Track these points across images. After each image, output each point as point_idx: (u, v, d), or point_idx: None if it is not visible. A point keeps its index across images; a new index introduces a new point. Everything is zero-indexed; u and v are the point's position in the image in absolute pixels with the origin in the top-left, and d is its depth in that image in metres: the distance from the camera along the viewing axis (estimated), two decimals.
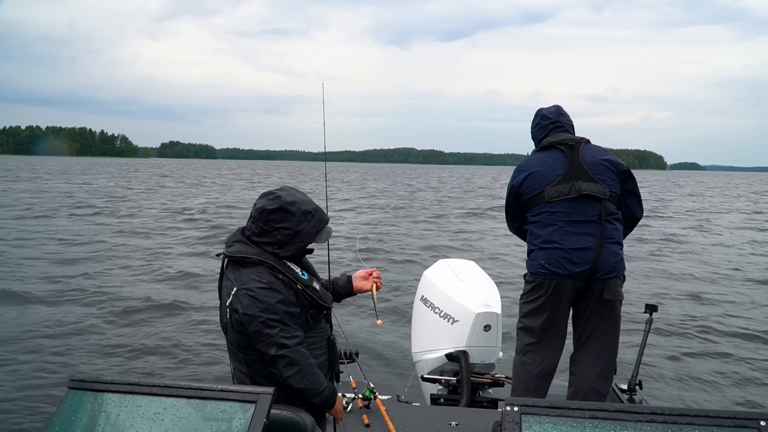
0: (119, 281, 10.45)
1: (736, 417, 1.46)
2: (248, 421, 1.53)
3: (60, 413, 1.66)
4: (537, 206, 3.27)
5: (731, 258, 14.78)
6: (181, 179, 56.28)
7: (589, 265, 3.12)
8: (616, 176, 3.26)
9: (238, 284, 2.25)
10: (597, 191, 3.17)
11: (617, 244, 3.22)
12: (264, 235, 2.34)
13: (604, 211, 3.17)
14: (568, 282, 3.16)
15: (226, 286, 2.34)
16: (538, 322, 3.29)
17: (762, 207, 34.45)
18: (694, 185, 72.81)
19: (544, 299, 3.23)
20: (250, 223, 2.37)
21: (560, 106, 3.50)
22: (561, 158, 3.26)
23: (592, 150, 3.31)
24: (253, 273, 2.26)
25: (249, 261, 2.29)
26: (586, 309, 3.24)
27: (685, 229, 21.16)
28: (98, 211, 22.52)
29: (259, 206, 2.34)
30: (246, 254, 2.29)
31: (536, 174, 3.28)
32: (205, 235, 16.65)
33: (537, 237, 3.25)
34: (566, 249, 3.14)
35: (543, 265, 3.20)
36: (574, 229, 3.16)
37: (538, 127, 3.48)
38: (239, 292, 2.23)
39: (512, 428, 1.49)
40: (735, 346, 7.44)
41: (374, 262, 12.61)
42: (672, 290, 10.70)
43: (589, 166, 3.22)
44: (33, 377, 5.86)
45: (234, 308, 2.24)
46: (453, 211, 27.16)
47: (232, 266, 2.32)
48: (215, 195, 34.33)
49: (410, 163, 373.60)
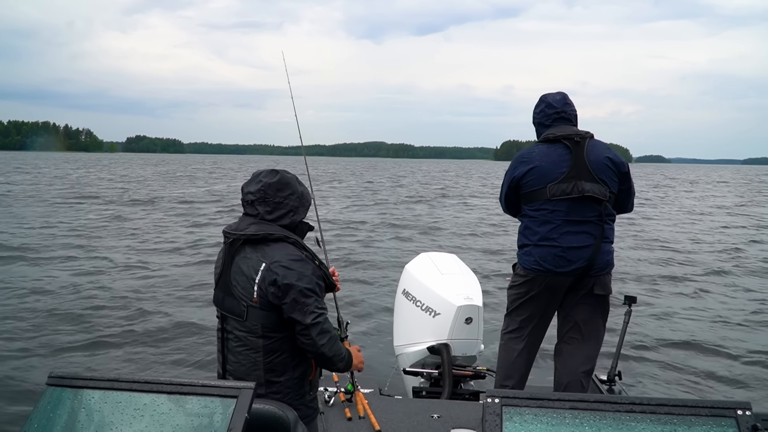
0: (98, 274, 10.34)
1: (714, 406, 1.48)
2: (230, 416, 1.52)
3: (38, 410, 1.64)
4: (537, 202, 3.26)
5: (692, 248, 15.00)
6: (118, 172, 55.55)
7: (586, 262, 3.17)
8: (616, 176, 3.27)
9: (267, 259, 2.26)
10: (598, 193, 3.18)
11: (610, 242, 3.28)
12: (277, 209, 2.35)
13: (604, 212, 3.20)
14: (562, 279, 3.21)
15: (243, 267, 2.30)
16: (527, 313, 3.36)
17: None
18: (660, 178, 74.29)
19: (535, 293, 3.29)
20: (256, 206, 2.35)
21: (566, 95, 3.43)
22: (565, 155, 3.22)
23: (597, 147, 3.27)
24: (281, 248, 2.30)
25: (272, 238, 2.31)
26: (574, 302, 3.30)
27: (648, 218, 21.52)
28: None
29: (261, 186, 2.35)
30: (269, 231, 2.31)
31: (539, 168, 3.24)
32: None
33: (534, 233, 3.26)
34: (563, 247, 3.17)
35: (538, 262, 3.23)
36: (572, 228, 3.18)
37: (542, 114, 3.42)
38: (272, 265, 2.25)
39: (493, 420, 1.50)
40: (715, 337, 7.55)
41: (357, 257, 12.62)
42: (647, 278, 10.84)
43: (593, 166, 3.19)
44: (7, 374, 5.77)
45: (270, 281, 2.24)
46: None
47: (251, 246, 2.31)
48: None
49: (380, 157, 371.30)
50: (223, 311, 2.37)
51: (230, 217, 18.42)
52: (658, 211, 25.48)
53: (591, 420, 1.50)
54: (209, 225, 17.70)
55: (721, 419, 1.47)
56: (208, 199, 27.21)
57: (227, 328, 2.36)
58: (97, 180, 41.11)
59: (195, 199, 27.18)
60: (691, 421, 1.47)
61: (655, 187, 47.02)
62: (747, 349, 7.06)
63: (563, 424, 1.50)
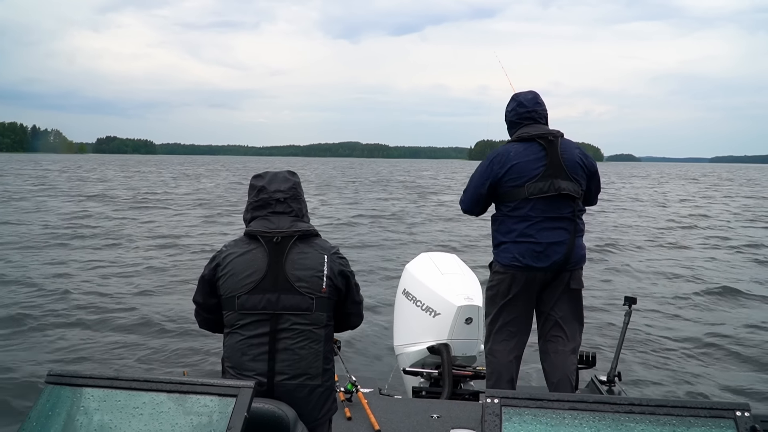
0: (94, 274, 10.34)
1: (713, 408, 1.49)
2: (229, 415, 1.52)
3: (37, 408, 1.64)
4: (515, 200, 3.32)
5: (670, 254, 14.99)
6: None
7: (562, 257, 3.27)
8: (586, 175, 3.40)
9: (326, 252, 2.40)
10: (573, 190, 3.29)
11: (582, 236, 3.41)
12: (304, 206, 2.50)
13: (576, 209, 3.33)
14: (540, 274, 3.30)
15: (305, 262, 2.34)
16: (509, 314, 3.40)
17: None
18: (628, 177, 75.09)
19: (515, 291, 3.35)
20: (290, 204, 2.42)
21: (537, 94, 3.51)
22: (541, 153, 3.31)
23: (569, 146, 3.38)
24: (323, 241, 2.47)
25: (314, 232, 2.44)
26: (552, 298, 3.38)
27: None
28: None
29: (292, 184, 2.45)
30: (312, 227, 2.45)
31: (517, 167, 3.31)
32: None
33: (511, 231, 3.32)
34: (541, 243, 3.26)
35: (517, 258, 3.30)
36: (548, 224, 3.28)
37: (513, 113, 3.49)
38: (333, 257, 2.40)
39: (493, 420, 1.50)
40: (714, 338, 7.54)
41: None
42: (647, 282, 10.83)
43: (567, 164, 3.31)
44: (5, 372, 5.76)
45: (338, 271, 2.39)
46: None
47: (303, 242, 2.38)
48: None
49: (355, 157, 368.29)
50: (281, 311, 2.29)
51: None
52: (668, 211, 25.48)
53: (590, 420, 1.50)
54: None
55: (719, 420, 1.47)
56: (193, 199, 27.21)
57: (281, 327, 2.29)
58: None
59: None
60: (690, 422, 1.47)
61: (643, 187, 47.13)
62: (746, 351, 7.06)
63: (562, 424, 1.50)
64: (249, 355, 2.28)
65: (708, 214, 24.74)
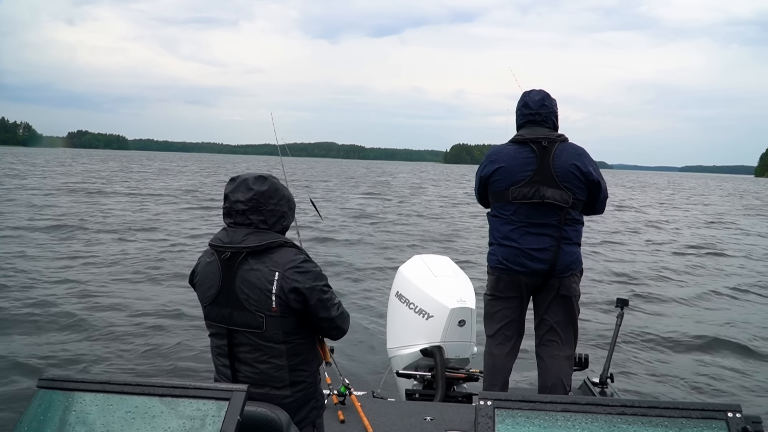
0: (87, 274, 10.29)
1: (705, 409, 1.49)
2: (222, 419, 1.52)
3: (29, 413, 1.63)
4: (501, 202, 3.34)
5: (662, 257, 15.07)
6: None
7: (547, 264, 3.25)
8: (583, 184, 3.27)
9: (279, 267, 2.21)
10: (560, 200, 3.21)
11: (574, 244, 3.33)
12: (271, 217, 2.29)
13: (564, 217, 3.24)
14: (525, 278, 3.30)
15: (252, 280, 2.21)
16: (503, 317, 3.44)
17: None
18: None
19: (505, 293, 3.39)
20: (249, 216, 2.26)
21: (546, 95, 3.41)
22: (531, 158, 3.25)
23: (566, 152, 3.26)
24: (286, 253, 2.25)
25: (275, 245, 2.25)
26: (544, 304, 3.39)
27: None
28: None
29: (253, 194, 2.25)
30: (270, 240, 2.25)
31: (504, 170, 3.30)
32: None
33: (498, 232, 3.37)
34: (523, 249, 3.26)
35: (501, 261, 3.34)
36: (532, 230, 3.26)
37: (518, 113, 3.44)
38: (287, 272, 2.20)
39: (486, 422, 1.50)
40: (707, 339, 7.58)
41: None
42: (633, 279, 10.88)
43: (557, 172, 3.21)
44: None
45: (290, 289, 2.19)
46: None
47: (255, 257, 2.22)
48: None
49: (331, 158, 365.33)
50: (233, 326, 2.26)
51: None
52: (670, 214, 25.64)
53: (583, 422, 1.50)
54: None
55: (711, 421, 1.47)
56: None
57: (236, 342, 2.26)
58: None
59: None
60: (682, 424, 1.48)
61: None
62: (737, 352, 7.10)
63: (555, 426, 1.50)
64: (220, 362, 2.34)
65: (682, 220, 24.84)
